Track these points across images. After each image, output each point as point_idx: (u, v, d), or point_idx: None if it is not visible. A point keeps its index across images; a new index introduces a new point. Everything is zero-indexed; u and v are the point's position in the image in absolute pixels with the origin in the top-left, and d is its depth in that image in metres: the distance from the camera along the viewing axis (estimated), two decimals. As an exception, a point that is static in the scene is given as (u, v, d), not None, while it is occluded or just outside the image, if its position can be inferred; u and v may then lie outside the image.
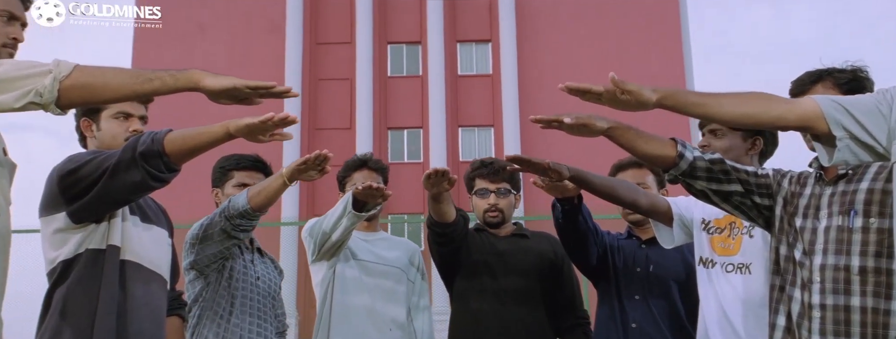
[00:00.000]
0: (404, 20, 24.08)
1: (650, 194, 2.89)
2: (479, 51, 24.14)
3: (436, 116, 22.58)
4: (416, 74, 23.84)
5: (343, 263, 3.26)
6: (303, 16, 23.68)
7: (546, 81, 21.38)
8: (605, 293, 3.21)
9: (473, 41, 24.16)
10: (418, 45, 24.08)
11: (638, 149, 2.29)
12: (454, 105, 22.98)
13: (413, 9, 24.19)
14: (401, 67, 24.04)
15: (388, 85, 23.59)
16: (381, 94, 23.30)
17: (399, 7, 24.25)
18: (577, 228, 3.03)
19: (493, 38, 23.78)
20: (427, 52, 23.58)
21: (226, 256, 2.90)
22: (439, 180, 2.93)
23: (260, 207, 2.71)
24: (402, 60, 24.17)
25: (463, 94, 23.39)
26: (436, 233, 3.18)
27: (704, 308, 2.73)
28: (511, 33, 23.31)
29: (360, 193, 2.90)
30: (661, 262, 3.16)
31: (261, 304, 3.01)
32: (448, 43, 23.77)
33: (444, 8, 23.89)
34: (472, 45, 24.20)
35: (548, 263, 3.35)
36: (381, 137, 22.67)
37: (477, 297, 3.26)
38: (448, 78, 23.37)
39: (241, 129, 2.18)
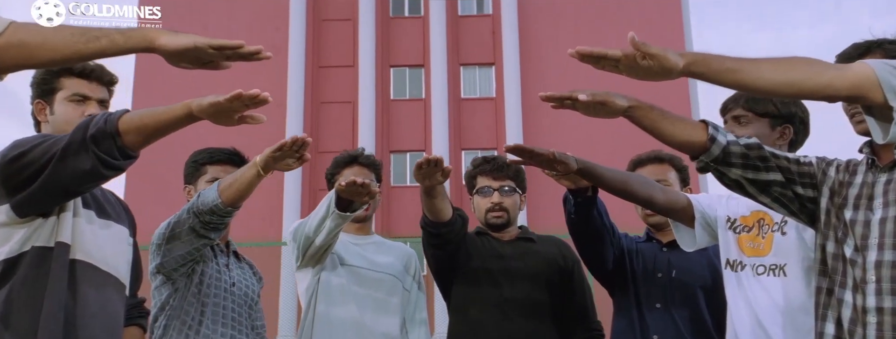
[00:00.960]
0: (407, 43, 23.98)
1: (668, 190, 2.57)
2: (482, 74, 23.97)
3: (439, 139, 22.34)
4: (419, 98, 23.64)
5: (329, 271, 2.95)
6: (305, 39, 23.57)
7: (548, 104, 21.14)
8: (623, 302, 2.88)
9: (476, 64, 24.00)
10: (421, 68, 23.93)
11: (663, 132, 1.99)
12: (457, 128, 22.76)
13: (416, 32, 24.08)
14: (404, 91, 23.87)
15: (391, 108, 23.41)
16: (383, 117, 23.10)
17: (402, 30, 24.14)
18: (592, 224, 2.71)
19: (496, 61, 23.62)
20: (430, 76, 23.41)
21: (196, 258, 2.58)
22: (432, 170, 2.62)
23: (232, 201, 2.41)
24: (405, 84, 24.02)
25: (466, 117, 23.19)
26: (430, 233, 2.87)
27: (734, 316, 2.41)
28: (514, 56, 23.16)
29: (344, 190, 2.60)
30: (684, 267, 2.83)
31: (236, 313, 2.69)
32: (451, 66, 23.60)
33: (447, 31, 23.77)
34: (476, 69, 24.04)
35: (556, 269, 3.03)
36: (383, 160, 22.38)
37: (477, 307, 2.93)
38: (451, 101, 23.18)
39: (204, 108, 1.89)
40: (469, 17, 24.47)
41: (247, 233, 11.07)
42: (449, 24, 23.94)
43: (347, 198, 2.67)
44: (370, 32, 23.60)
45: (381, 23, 23.93)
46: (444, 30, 23.77)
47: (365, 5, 23.71)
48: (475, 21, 24.40)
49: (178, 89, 22.16)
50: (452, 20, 24.02)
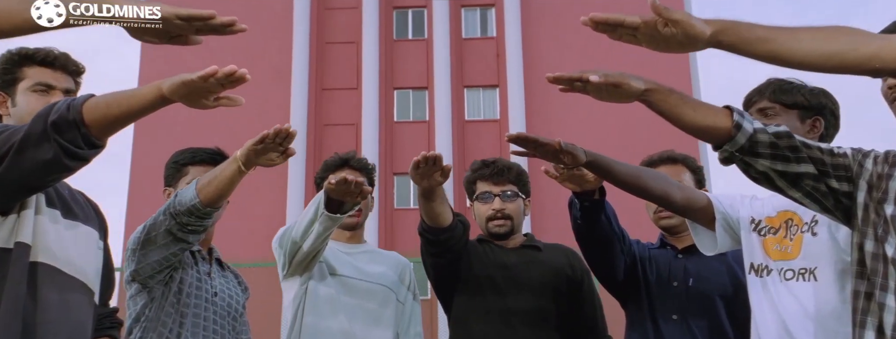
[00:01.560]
0: (411, 66, 23.93)
1: (686, 188, 2.36)
2: (486, 96, 23.88)
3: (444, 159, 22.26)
4: (423, 120, 23.54)
5: (317, 280, 2.74)
6: (309, 62, 23.53)
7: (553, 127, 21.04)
8: (636, 313, 2.67)
9: (480, 86, 23.92)
10: (425, 90, 23.85)
11: (682, 118, 1.80)
12: (461, 150, 22.61)
13: (419, 54, 24.03)
14: (407, 113, 23.78)
15: (394, 130, 23.30)
16: (387, 139, 22.99)
17: (406, 53, 24.10)
18: (600, 231, 2.51)
19: (500, 83, 23.54)
20: (434, 98, 23.32)
21: (173, 264, 2.39)
22: (429, 169, 2.43)
23: (211, 200, 2.21)
24: (409, 106, 23.94)
25: (470, 139, 23.06)
26: (428, 240, 2.67)
27: (760, 325, 2.20)
28: (518, 78, 23.08)
29: (334, 189, 2.41)
30: (702, 274, 2.63)
31: (218, 325, 2.49)
32: (455, 88, 23.52)
33: (451, 54, 23.72)
34: (479, 91, 23.96)
35: (564, 278, 2.82)
36: (387, 182, 22.26)
37: (480, 319, 2.72)
38: (455, 123, 23.07)
39: (176, 88, 1.70)
40: (473, 40, 24.43)
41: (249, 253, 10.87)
42: (453, 46, 23.91)
43: (338, 198, 2.48)
44: (374, 55, 23.57)
45: (385, 45, 23.90)
46: (447, 52, 23.74)
47: (368, 28, 23.70)
48: (479, 43, 24.36)
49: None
50: (456, 42, 23.98)
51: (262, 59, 23.64)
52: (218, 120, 17.72)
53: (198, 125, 19.44)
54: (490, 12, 24.78)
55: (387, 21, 24.29)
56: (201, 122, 19.74)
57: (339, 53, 24.07)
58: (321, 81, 23.74)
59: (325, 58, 24.00)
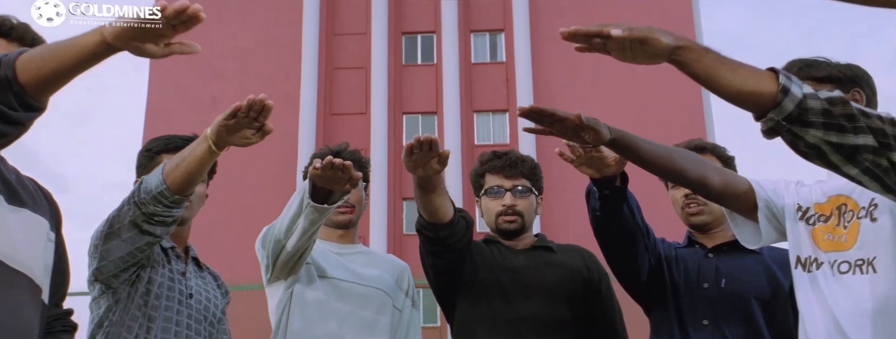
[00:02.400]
0: (420, 91, 23.82)
1: (724, 171, 2.07)
2: (495, 121, 23.75)
3: (453, 186, 22.01)
4: None
5: (304, 284, 2.46)
6: (317, 87, 23.45)
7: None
8: (662, 320, 2.38)
9: (490, 111, 23.81)
10: (434, 114, 23.71)
11: (720, 81, 1.56)
12: (469, 173, 22.44)
13: (429, 79, 23.93)
14: None
15: (403, 155, 23.19)
16: (396, 164, 22.78)
17: (415, 78, 24.03)
18: (621, 223, 2.23)
19: (510, 108, 23.40)
20: (443, 122, 23.17)
21: (140, 262, 2.12)
22: (424, 156, 2.16)
23: (180, 186, 1.95)
24: (418, 131, 23.88)
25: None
26: (427, 238, 2.39)
27: (808, 327, 1.90)
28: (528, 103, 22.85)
29: (320, 175, 2.15)
30: (736, 275, 2.34)
31: (193, 331, 2.21)
32: (465, 113, 23.38)
33: (461, 79, 23.62)
34: (489, 116, 23.85)
35: (581, 282, 2.53)
36: (396, 207, 22.03)
37: (485, 327, 2.44)
38: (464, 148, 22.87)
39: (120, 32, 1.48)
40: (482, 65, 24.34)
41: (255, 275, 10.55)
42: (462, 70, 23.81)
43: (325, 186, 2.21)
44: (383, 80, 23.47)
45: (394, 70, 23.82)
46: (457, 77, 23.63)
47: (377, 53, 23.64)
48: (488, 68, 24.26)
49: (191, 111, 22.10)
50: (465, 67, 23.88)
51: (271, 84, 23.59)
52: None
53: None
54: (499, 37, 24.70)
55: (396, 46, 24.23)
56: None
57: (348, 79, 23.99)
58: (330, 106, 23.63)
59: (334, 83, 23.92)
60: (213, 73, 23.02)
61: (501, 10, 24.66)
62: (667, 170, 1.97)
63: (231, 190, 20.38)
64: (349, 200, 2.57)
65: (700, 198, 2.40)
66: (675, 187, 2.46)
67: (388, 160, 22.62)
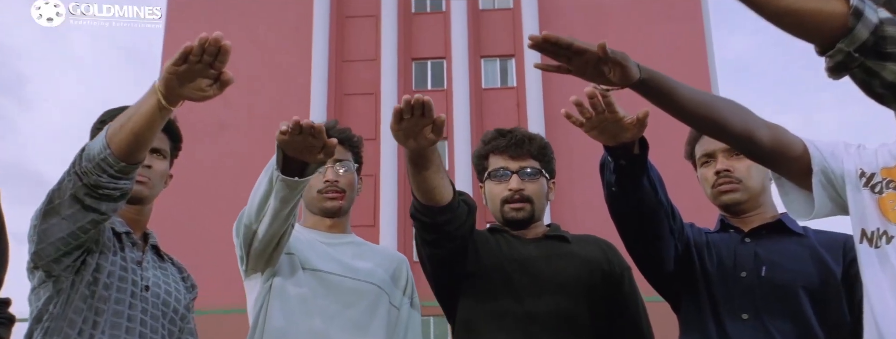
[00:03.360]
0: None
1: (775, 126, 1.74)
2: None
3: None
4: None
5: (286, 277, 2.16)
6: (327, 114, 23.35)
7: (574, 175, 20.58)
8: (693, 314, 2.05)
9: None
10: (444, 140, 23.58)
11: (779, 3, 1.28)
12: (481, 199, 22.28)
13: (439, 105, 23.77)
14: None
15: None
16: (406, 192, 22.56)
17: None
18: (642, 200, 1.91)
19: (520, 123, 23.43)
20: (454, 147, 22.98)
21: (85, 245, 1.83)
22: (417, 124, 1.87)
23: (126, 150, 1.67)
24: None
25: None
26: (423, 224, 2.08)
27: (877, 310, 1.58)
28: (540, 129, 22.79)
29: (287, 140, 1.86)
30: (778, 261, 2.01)
31: (148, 327, 1.91)
32: (475, 139, 23.22)
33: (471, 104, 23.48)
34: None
35: (600, 275, 2.22)
36: (406, 233, 21.71)
37: (491, 325, 2.12)
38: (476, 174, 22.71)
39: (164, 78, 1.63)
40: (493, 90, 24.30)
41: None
42: (473, 96, 23.74)
43: (297, 157, 1.92)
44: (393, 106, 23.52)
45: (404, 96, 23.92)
46: (467, 102, 23.58)
47: (387, 79, 23.62)
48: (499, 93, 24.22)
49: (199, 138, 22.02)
50: (476, 92, 23.82)
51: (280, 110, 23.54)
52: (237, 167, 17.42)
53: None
54: (510, 62, 24.60)
55: (406, 72, 24.15)
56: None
57: (358, 105, 23.88)
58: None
59: (345, 110, 23.80)
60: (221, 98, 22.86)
61: (511, 36, 24.59)
62: (706, 120, 1.66)
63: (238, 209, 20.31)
64: (339, 184, 2.29)
65: (734, 175, 2.09)
66: (705, 164, 2.15)
67: (399, 186, 22.41)
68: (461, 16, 24.41)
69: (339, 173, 2.31)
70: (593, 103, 1.74)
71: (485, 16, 25.08)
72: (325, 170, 2.29)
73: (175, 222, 20.94)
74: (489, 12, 25.16)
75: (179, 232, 18.79)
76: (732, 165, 2.10)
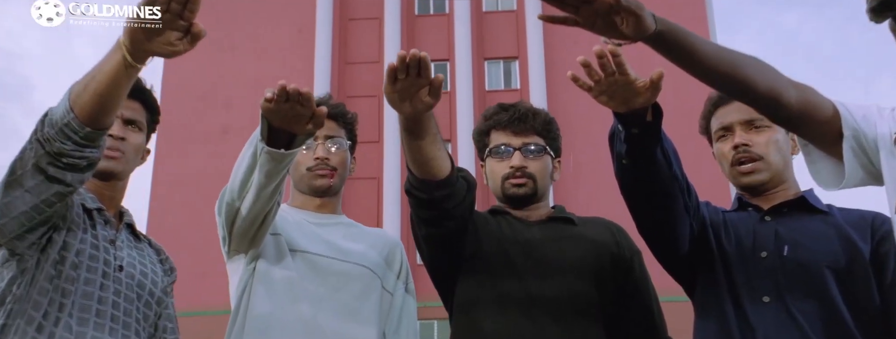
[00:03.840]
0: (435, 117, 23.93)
1: (803, 86, 1.59)
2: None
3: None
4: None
5: (271, 260, 2.01)
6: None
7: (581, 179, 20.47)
8: (710, 297, 1.90)
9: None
10: (448, 142, 23.54)
11: None
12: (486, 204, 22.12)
13: (443, 106, 23.75)
14: None
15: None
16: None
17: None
18: (655, 174, 1.76)
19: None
20: (457, 149, 22.92)
21: (51, 221, 1.68)
22: (413, 84, 1.72)
23: (90, 113, 1.53)
24: None
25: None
26: (419, 201, 1.93)
27: None
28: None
29: (272, 109, 1.73)
30: (801, 241, 1.86)
31: (121, 310, 1.76)
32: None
33: (475, 106, 23.36)
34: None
35: (609, 259, 2.07)
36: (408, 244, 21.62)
37: (491, 310, 1.97)
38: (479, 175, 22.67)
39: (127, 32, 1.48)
40: (496, 92, 24.21)
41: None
42: (476, 99, 23.67)
43: (283, 127, 1.78)
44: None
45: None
46: (471, 104, 23.52)
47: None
48: (503, 96, 24.10)
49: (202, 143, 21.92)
50: (479, 95, 23.75)
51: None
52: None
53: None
54: (513, 65, 24.52)
55: (409, 75, 24.15)
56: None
57: (362, 107, 23.78)
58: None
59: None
60: (224, 103, 22.92)
61: (515, 38, 24.52)
62: (729, 78, 1.51)
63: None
64: (330, 162, 2.15)
65: (754, 150, 1.95)
66: (722, 139, 2.00)
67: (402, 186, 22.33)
68: (464, 18, 24.33)
69: (331, 150, 2.17)
70: (602, 64, 1.60)
71: (488, 18, 25.00)
72: (315, 147, 2.15)
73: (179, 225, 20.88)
74: (493, 14, 25.08)
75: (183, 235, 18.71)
76: (751, 139, 1.95)
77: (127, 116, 1.87)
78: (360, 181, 22.70)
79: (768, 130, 1.96)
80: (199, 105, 22.32)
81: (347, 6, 24.86)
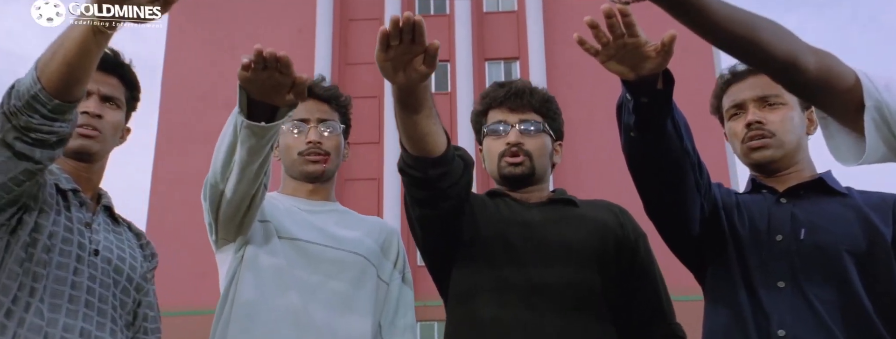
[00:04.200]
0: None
1: (823, 52, 1.47)
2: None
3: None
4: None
5: (259, 246, 1.91)
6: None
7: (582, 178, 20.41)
8: (721, 283, 1.79)
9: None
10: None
11: None
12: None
13: (443, 108, 23.69)
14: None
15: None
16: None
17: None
18: (666, 148, 1.65)
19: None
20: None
21: (20, 200, 1.58)
22: (406, 51, 1.61)
23: (58, 83, 1.43)
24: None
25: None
26: (413, 180, 1.82)
27: None
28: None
29: (249, 78, 1.62)
30: (819, 223, 1.75)
31: (96, 296, 1.66)
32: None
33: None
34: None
35: (613, 242, 1.96)
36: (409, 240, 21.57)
37: (490, 298, 1.87)
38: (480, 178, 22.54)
39: None
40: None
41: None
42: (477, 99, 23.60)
43: (264, 99, 1.68)
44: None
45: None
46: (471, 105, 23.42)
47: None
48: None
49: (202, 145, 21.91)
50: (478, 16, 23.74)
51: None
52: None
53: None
54: (514, 65, 24.46)
55: (409, 75, 24.11)
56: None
57: (362, 108, 23.74)
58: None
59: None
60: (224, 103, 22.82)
61: (516, 39, 24.45)
62: (743, 41, 1.40)
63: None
64: (323, 146, 2.05)
65: (767, 127, 1.84)
66: (734, 117, 1.90)
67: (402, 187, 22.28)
68: (465, 18, 24.26)
69: (324, 134, 2.07)
70: (610, 24, 1.49)
71: (489, 18, 24.94)
72: (307, 130, 2.06)
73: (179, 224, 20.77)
74: (493, 15, 25.02)
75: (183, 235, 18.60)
76: (765, 117, 1.85)
77: (104, 93, 1.77)
78: (360, 182, 22.63)
79: (783, 107, 1.86)
80: (199, 105, 22.22)
81: (347, 7, 24.81)
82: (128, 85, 1.84)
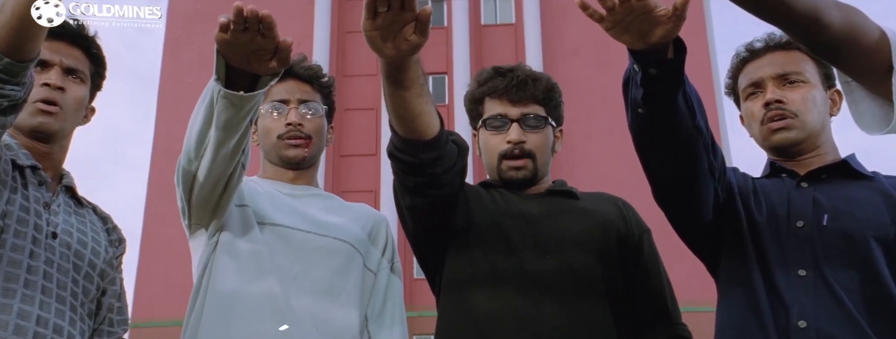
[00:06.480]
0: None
1: (849, 7, 1.34)
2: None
3: None
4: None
5: (236, 232, 1.75)
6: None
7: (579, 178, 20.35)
8: (737, 272, 1.64)
9: None
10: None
11: None
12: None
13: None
14: None
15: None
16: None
17: None
18: (677, 125, 1.51)
19: None
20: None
21: None
22: (396, 18, 1.45)
23: (8, 39, 1.30)
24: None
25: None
26: (403, 164, 1.68)
27: None
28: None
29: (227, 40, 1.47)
30: (843, 209, 1.61)
31: (54, 282, 1.52)
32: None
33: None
34: None
35: (615, 235, 1.83)
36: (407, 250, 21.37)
37: (485, 290, 1.73)
38: (478, 189, 22.55)
39: None
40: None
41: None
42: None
43: (242, 66, 1.53)
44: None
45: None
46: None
47: None
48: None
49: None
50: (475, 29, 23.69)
51: None
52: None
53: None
54: (512, 78, 24.46)
55: (406, 87, 24.06)
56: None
57: (359, 120, 23.66)
58: (340, 148, 23.29)
59: (345, 124, 23.58)
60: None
61: (513, 51, 24.40)
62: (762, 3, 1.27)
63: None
64: (304, 129, 1.91)
65: (788, 107, 1.71)
66: (752, 96, 1.76)
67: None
68: (463, 31, 24.22)
69: (306, 116, 1.93)
70: None
71: (487, 31, 24.90)
72: (287, 111, 1.92)
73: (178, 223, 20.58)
74: (491, 27, 24.98)
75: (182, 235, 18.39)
76: (785, 96, 1.72)
77: (67, 64, 1.63)
78: (356, 194, 22.48)
79: (805, 85, 1.73)
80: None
81: (345, 19, 24.77)
82: (93, 59, 1.70)
